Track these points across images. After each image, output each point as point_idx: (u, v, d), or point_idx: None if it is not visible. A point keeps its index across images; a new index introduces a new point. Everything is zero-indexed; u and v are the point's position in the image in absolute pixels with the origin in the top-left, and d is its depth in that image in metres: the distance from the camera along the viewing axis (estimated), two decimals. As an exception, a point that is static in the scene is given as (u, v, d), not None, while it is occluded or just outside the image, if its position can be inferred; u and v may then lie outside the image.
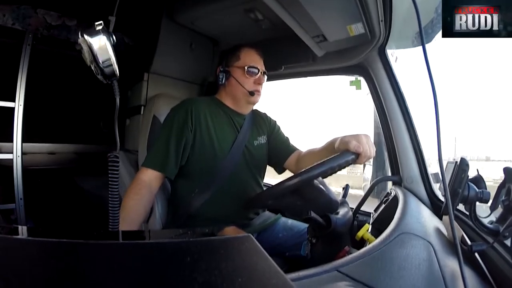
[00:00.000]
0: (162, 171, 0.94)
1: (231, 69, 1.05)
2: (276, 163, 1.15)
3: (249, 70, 1.03)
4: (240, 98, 1.05)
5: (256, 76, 1.04)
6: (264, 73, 1.06)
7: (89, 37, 0.54)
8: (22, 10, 1.50)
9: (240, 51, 1.06)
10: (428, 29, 0.89)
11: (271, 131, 1.17)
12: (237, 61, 1.05)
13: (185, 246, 0.30)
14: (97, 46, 0.54)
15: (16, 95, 1.46)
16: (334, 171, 0.70)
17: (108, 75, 0.56)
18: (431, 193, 1.06)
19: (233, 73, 1.05)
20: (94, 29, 0.54)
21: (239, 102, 1.07)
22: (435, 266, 0.58)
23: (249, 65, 1.03)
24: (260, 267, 0.28)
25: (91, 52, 0.54)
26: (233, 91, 1.06)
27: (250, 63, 1.03)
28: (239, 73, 1.04)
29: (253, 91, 1.03)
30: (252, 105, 1.10)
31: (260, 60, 1.07)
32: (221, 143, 1.01)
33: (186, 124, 0.97)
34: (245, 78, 1.03)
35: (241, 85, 1.03)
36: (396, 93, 1.10)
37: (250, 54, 1.06)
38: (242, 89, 1.03)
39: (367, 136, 0.75)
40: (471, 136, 7.19)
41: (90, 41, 0.54)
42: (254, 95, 1.04)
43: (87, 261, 0.26)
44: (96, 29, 0.54)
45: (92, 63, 0.55)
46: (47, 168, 2.01)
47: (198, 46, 1.47)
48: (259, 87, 1.05)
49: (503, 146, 4.45)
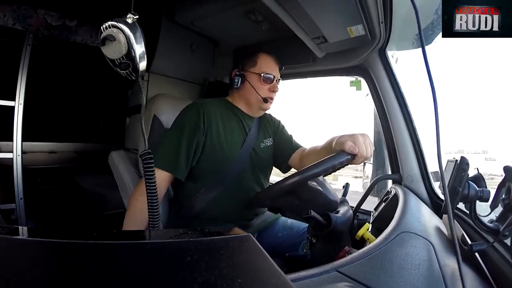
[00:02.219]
0: (172, 172, 0.92)
1: (247, 73, 1.04)
2: (281, 162, 1.14)
3: (265, 77, 1.02)
4: (254, 103, 1.05)
5: (271, 84, 1.03)
6: (278, 81, 1.06)
7: (127, 28, 0.50)
8: (23, 10, 1.50)
9: (258, 56, 1.05)
10: (428, 31, 0.89)
11: (275, 131, 1.17)
12: (254, 66, 1.04)
13: (185, 246, 0.30)
14: (134, 38, 0.51)
15: (16, 95, 1.47)
16: (328, 173, 0.70)
17: (139, 70, 0.53)
18: (431, 192, 1.06)
19: (248, 78, 1.04)
20: (127, 21, 0.51)
21: (252, 107, 1.06)
22: (435, 265, 0.58)
23: (265, 72, 1.02)
24: (260, 267, 0.28)
25: (128, 43, 0.50)
26: (247, 96, 1.05)
27: (267, 70, 1.03)
28: (254, 79, 1.03)
29: (267, 98, 1.03)
30: (263, 111, 1.10)
31: (276, 68, 1.06)
32: (230, 146, 1.01)
33: (198, 126, 0.95)
34: (260, 85, 1.02)
35: (255, 91, 1.02)
36: (396, 93, 1.11)
37: (267, 61, 1.04)
38: (257, 95, 1.02)
39: (364, 135, 0.73)
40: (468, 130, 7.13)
41: (128, 32, 0.50)
42: (267, 102, 1.03)
43: (87, 261, 0.26)
44: (130, 21, 0.51)
45: (124, 57, 0.51)
46: (47, 167, 2.01)
47: (198, 46, 1.47)
48: (273, 95, 1.05)
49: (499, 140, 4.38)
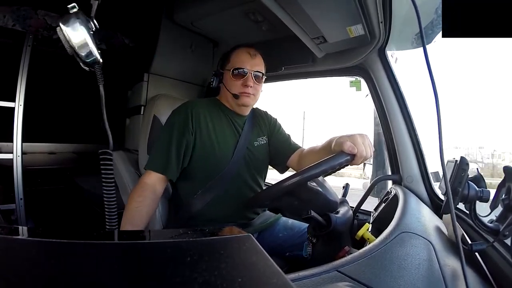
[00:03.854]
0: (164, 173, 0.94)
1: (224, 72, 1.04)
2: (278, 162, 1.14)
3: (234, 72, 0.99)
4: (230, 101, 1.05)
5: (243, 78, 0.99)
6: (257, 73, 1.00)
7: (63, 24, 0.48)
8: (23, 11, 1.50)
9: (232, 53, 1.03)
10: (428, 30, 0.89)
11: (271, 130, 1.16)
12: (228, 63, 1.03)
13: (185, 246, 0.31)
14: (72, 32, 0.48)
15: (16, 96, 1.47)
16: (328, 173, 0.70)
17: (89, 63, 0.51)
18: (431, 192, 1.06)
19: (224, 76, 1.04)
20: (68, 15, 0.48)
21: (231, 105, 1.06)
22: (435, 265, 0.58)
23: (234, 67, 0.99)
24: (260, 267, 0.28)
25: (66, 40, 0.48)
26: (224, 94, 1.05)
27: (236, 65, 0.99)
28: (227, 76, 1.02)
29: (239, 93, 0.99)
30: (245, 107, 1.05)
31: (251, 60, 0.99)
32: (222, 145, 1.01)
33: (187, 127, 0.96)
34: (232, 81, 1.00)
35: (227, 89, 1.02)
36: (396, 93, 1.11)
37: (239, 55, 1.01)
38: (228, 92, 1.02)
39: (363, 135, 0.72)
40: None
41: (64, 28, 0.48)
42: (238, 98, 1.00)
43: (87, 261, 0.26)
44: (70, 12, 0.48)
45: (72, 52, 0.50)
46: (47, 168, 2.01)
47: (198, 47, 1.48)
48: (247, 89, 0.99)
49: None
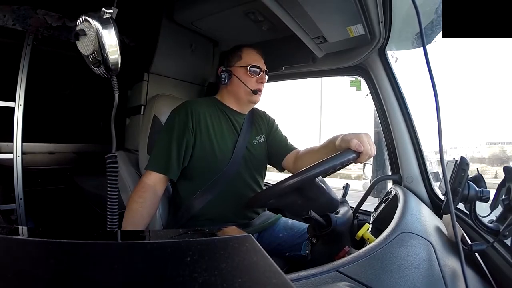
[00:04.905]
0: (165, 173, 0.95)
1: (233, 68, 1.07)
2: (275, 162, 1.15)
3: (251, 69, 1.04)
4: (243, 97, 1.06)
5: (258, 75, 1.05)
6: (265, 72, 1.08)
7: (98, 23, 0.47)
8: (23, 10, 1.50)
9: (242, 51, 1.08)
10: (428, 30, 0.90)
11: (269, 130, 1.17)
12: (239, 60, 1.06)
13: (185, 246, 0.30)
14: (106, 34, 0.47)
15: (16, 95, 1.47)
16: (335, 170, 0.70)
17: (111, 68, 0.50)
18: (431, 192, 1.06)
19: (235, 73, 1.06)
20: (102, 16, 0.47)
21: (241, 101, 1.08)
22: (435, 265, 0.58)
23: (251, 64, 1.04)
24: (260, 267, 0.28)
25: (98, 40, 0.47)
26: (236, 90, 1.06)
27: (253, 62, 1.05)
28: (241, 72, 1.05)
29: (256, 89, 1.05)
30: (253, 104, 1.11)
31: (261, 60, 1.08)
32: (221, 145, 1.02)
33: (187, 126, 0.97)
34: (248, 77, 1.04)
35: (244, 84, 1.04)
36: (396, 93, 1.11)
37: (252, 54, 1.07)
38: (245, 88, 1.04)
39: (367, 134, 0.75)
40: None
41: (98, 27, 0.47)
42: (256, 94, 1.05)
43: (87, 261, 0.26)
44: (105, 16, 0.47)
45: (94, 53, 0.48)
46: (47, 168, 2.01)
47: (198, 46, 1.47)
48: (261, 86, 1.07)
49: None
